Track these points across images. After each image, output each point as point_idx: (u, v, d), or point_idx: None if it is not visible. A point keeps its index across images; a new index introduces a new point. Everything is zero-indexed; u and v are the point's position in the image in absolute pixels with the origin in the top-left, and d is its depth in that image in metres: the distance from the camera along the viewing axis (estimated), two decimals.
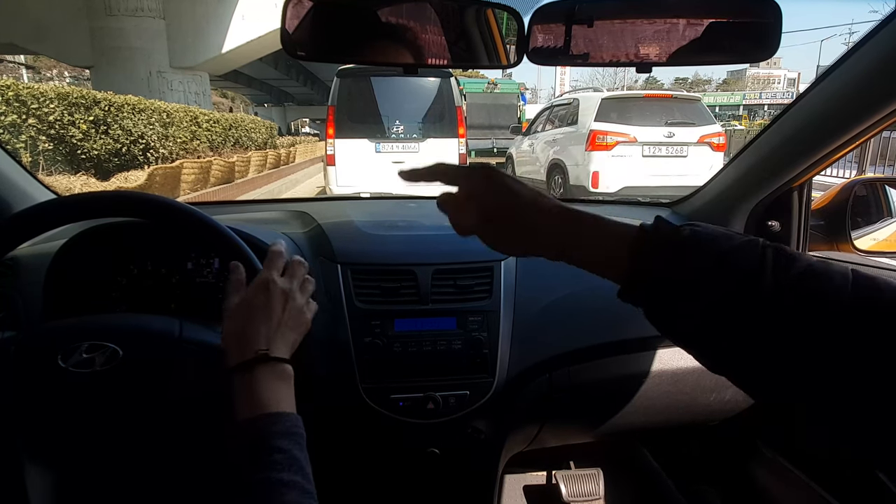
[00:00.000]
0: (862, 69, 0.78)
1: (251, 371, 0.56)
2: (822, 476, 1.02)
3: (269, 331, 0.59)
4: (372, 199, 2.51)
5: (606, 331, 1.01)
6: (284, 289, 0.63)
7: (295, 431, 0.54)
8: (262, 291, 0.62)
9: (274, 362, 0.57)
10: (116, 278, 0.89)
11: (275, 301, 0.62)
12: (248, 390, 0.55)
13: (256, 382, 0.56)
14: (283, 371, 0.58)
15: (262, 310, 0.61)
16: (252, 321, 0.60)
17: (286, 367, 0.59)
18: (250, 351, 0.57)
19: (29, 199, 1.02)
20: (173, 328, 0.66)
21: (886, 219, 1.32)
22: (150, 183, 6.14)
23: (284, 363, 0.59)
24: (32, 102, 5.33)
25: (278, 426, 0.53)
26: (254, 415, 0.54)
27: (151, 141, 6.98)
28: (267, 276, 0.64)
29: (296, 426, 0.54)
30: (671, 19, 0.73)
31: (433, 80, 5.62)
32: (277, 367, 0.58)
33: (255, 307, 0.61)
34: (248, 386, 0.56)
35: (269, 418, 0.53)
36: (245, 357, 0.57)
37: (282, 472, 0.49)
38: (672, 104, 6.19)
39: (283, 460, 0.50)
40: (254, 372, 0.56)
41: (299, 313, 0.64)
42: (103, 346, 0.62)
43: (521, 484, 1.46)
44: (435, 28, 0.74)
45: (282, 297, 0.62)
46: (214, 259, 0.92)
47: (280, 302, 0.62)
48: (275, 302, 0.61)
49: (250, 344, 0.58)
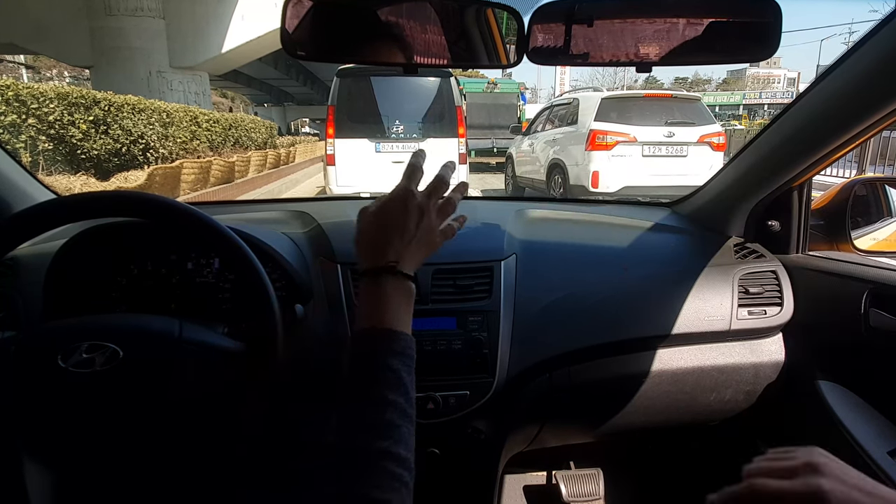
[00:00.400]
0: (862, 69, 0.78)
1: (378, 280, 0.57)
2: None
3: (401, 244, 0.59)
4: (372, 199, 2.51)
5: (606, 331, 1.01)
6: (421, 204, 0.62)
7: (408, 353, 0.54)
8: (400, 202, 0.61)
9: (401, 277, 0.57)
10: (116, 278, 0.88)
11: (410, 215, 0.60)
12: (373, 300, 0.56)
13: (382, 294, 0.56)
14: (409, 289, 0.58)
15: (397, 221, 0.60)
16: (385, 230, 0.60)
17: (411, 284, 0.59)
18: (381, 259, 0.58)
19: (29, 199, 1.02)
20: (173, 328, 0.66)
21: (886, 219, 1.32)
22: (150, 183, 6.14)
23: (410, 280, 0.58)
24: (32, 102, 5.33)
25: (394, 345, 0.54)
26: (373, 327, 0.54)
27: (151, 141, 6.98)
28: (406, 186, 0.62)
29: (409, 348, 0.55)
30: (671, 19, 0.73)
31: (433, 80, 5.62)
32: (403, 284, 0.58)
33: (391, 217, 0.60)
34: (374, 295, 0.56)
35: (386, 335, 0.54)
36: (376, 264, 0.58)
37: (387, 391, 0.50)
38: (672, 104, 6.19)
39: (392, 379, 0.51)
40: (380, 282, 0.57)
41: (430, 232, 0.62)
42: (103, 346, 0.62)
43: (521, 484, 1.46)
44: (435, 28, 0.74)
45: (416, 212, 0.61)
46: (214, 259, 0.92)
47: (415, 217, 0.61)
48: (409, 216, 0.60)
49: (381, 253, 0.58)
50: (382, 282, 0.57)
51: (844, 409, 0.95)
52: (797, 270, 1.08)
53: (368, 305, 0.56)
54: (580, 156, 6.03)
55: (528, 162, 7.67)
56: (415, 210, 0.61)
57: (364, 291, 0.57)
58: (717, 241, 1.15)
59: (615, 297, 1.03)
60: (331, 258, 0.97)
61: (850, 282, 0.96)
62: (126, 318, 0.71)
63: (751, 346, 1.09)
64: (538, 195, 7.22)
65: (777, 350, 1.09)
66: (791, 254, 1.12)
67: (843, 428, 0.93)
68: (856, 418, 0.94)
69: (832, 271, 1.02)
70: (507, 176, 8.73)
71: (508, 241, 1.04)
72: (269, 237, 0.92)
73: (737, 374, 1.08)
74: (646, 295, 1.05)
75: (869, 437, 0.91)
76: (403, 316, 0.57)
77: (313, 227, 1.07)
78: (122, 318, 0.72)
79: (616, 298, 1.03)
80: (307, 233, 1.06)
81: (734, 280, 1.06)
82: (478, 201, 1.93)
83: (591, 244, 1.15)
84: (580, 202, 1.85)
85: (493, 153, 11.96)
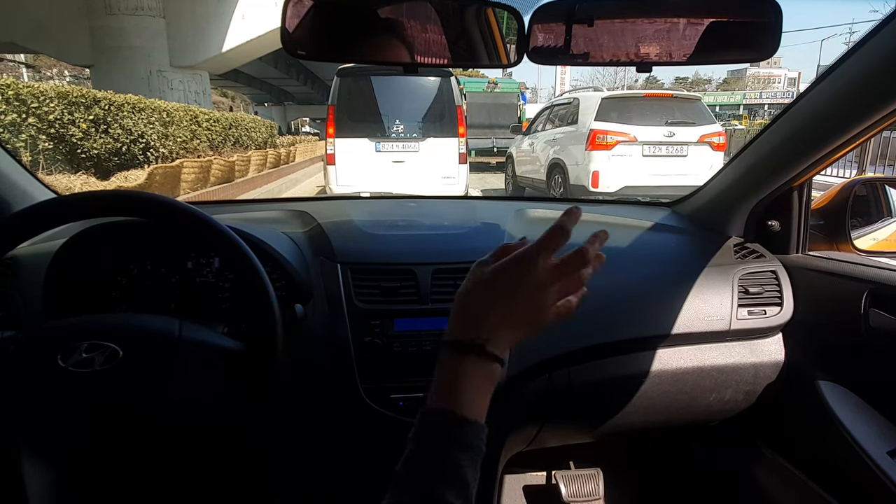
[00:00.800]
0: (862, 69, 0.78)
1: (461, 357, 0.51)
2: (821, 476, 1.02)
3: (501, 319, 0.52)
4: (372, 199, 2.51)
5: (606, 331, 1.01)
6: (545, 279, 0.52)
7: (476, 445, 0.49)
8: (522, 270, 0.52)
9: (487, 359, 0.51)
10: (116, 278, 0.88)
11: (525, 288, 0.52)
12: (450, 377, 0.51)
13: (461, 373, 0.50)
14: (492, 372, 0.51)
15: (509, 292, 0.52)
16: (492, 302, 0.52)
17: (496, 367, 0.52)
18: (472, 333, 0.51)
19: (29, 199, 1.02)
20: (173, 328, 0.66)
21: (886, 219, 1.32)
22: (150, 182, 6.13)
23: (496, 362, 0.51)
24: (32, 101, 5.32)
25: (465, 437, 0.49)
26: (444, 411, 0.49)
27: (151, 140, 6.98)
28: (535, 252, 0.53)
29: (479, 439, 0.50)
30: (671, 19, 0.73)
31: (433, 80, 5.61)
32: (488, 366, 0.51)
33: (504, 285, 0.52)
34: (452, 373, 0.51)
35: (458, 424, 0.49)
36: (462, 336, 0.51)
37: (447, 492, 0.45)
38: (672, 104, 6.18)
39: (456, 478, 0.46)
40: (463, 359, 0.51)
41: (541, 311, 0.53)
42: (103, 345, 0.62)
43: (521, 484, 1.46)
44: (435, 27, 0.74)
45: (539, 287, 0.52)
46: (214, 259, 0.92)
47: (531, 291, 0.52)
48: (525, 289, 0.52)
49: (474, 326, 0.52)
50: (465, 359, 0.50)
51: (844, 409, 0.95)
52: (797, 270, 1.08)
53: (443, 384, 0.51)
54: (580, 155, 6.02)
55: (529, 162, 7.67)
56: (533, 283, 0.52)
57: (442, 365, 0.51)
58: (717, 241, 1.15)
59: (615, 297, 1.03)
60: (331, 258, 0.97)
61: (850, 282, 0.96)
62: (126, 317, 0.71)
63: (751, 347, 1.09)
64: (538, 195, 7.22)
65: (777, 350, 1.09)
66: (791, 254, 1.12)
67: (842, 428, 0.93)
68: (856, 418, 0.94)
69: (832, 271, 1.02)
70: (508, 176, 8.73)
71: (508, 241, 1.04)
72: (269, 237, 0.92)
73: (737, 375, 1.08)
74: (646, 295, 1.05)
75: (869, 437, 0.91)
76: (481, 401, 0.51)
77: (313, 227, 1.07)
78: (122, 317, 0.72)
79: (616, 298, 1.03)
80: (307, 232, 1.06)
81: (734, 280, 1.06)
82: (478, 201, 1.93)
83: None
84: (580, 202, 1.85)
85: (494, 153, 11.95)
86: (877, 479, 0.87)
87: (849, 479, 0.95)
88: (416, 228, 1.19)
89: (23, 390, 0.62)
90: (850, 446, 0.91)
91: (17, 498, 0.65)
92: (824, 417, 0.97)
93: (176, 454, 0.76)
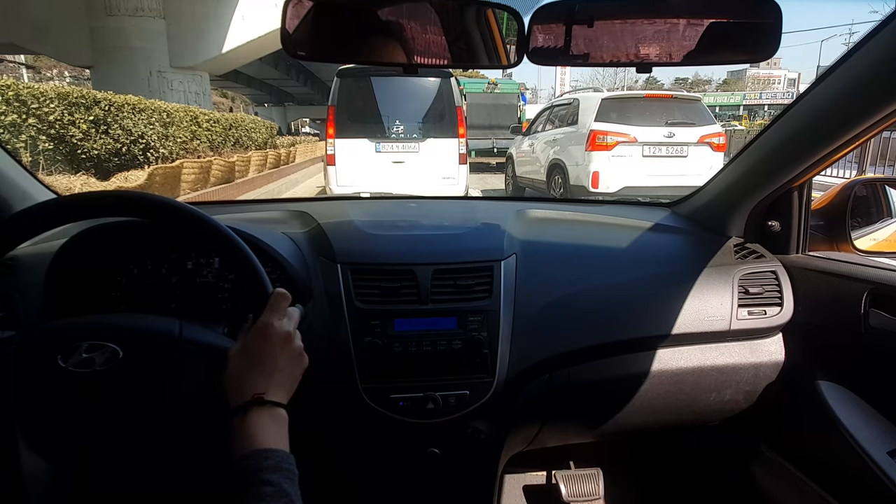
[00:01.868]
0: (862, 69, 0.78)
1: (246, 413, 0.59)
2: (822, 476, 1.02)
3: (266, 376, 0.62)
4: (372, 199, 2.51)
5: (606, 331, 1.01)
6: (284, 333, 0.65)
7: (286, 467, 0.55)
8: (261, 338, 0.64)
9: (269, 406, 0.60)
10: (116, 278, 0.88)
11: (273, 346, 0.63)
12: (242, 431, 0.58)
13: (250, 424, 0.58)
14: (277, 414, 0.60)
15: (259, 356, 0.63)
16: (250, 367, 0.62)
17: (280, 410, 0.61)
18: (246, 395, 0.60)
19: (29, 199, 1.02)
20: (173, 328, 0.66)
21: (886, 219, 1.32)
22: (150, 183, 6.13)
23: (279, 406, 0.61)
24: (32, 102, 5.32)
25: (269, 461, 0.55)
26: (245, 452, 0.56)
27: (151, 141, 6.97)
28: (266, 321, 0.65)
29: (287, 462, 0.56)
30: (671, 19, 0.73)
31: (433, 80, 5.61)
32: (272, 411, 0.60)
33: (253, 352, 0.63)
34: (242, 427, 0.58)
35: (259, 454, 0.55)
36: (241, 400, 0.60)
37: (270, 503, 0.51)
38: (672, 104, 6.18)
39: (272, 493, 0.52)
40: (248, 414, 0.58)
41: (299, 356, 0.66)
42: (103, 345, 0.62)
43: (521, 484, 1.45)
44: (435, 28, 0.74)
45: (281, 342, 0.64)
46: (214, 259, 0.92)
47: (278, 347, 0.64)
48: (273, 347, 0.63)
49: (246, 389, 0.60)
50: (250, 413, 0.58)
51: (844, 409, 0.95)
52: (797, 271, 1.08)
53: (239, 437, 0.57)
54: (580, 156, 6.02)
55: (529, 162, 7.67)
56: (278, 340, 0.64)
57: (235, 428, 0.58)
58: (717, 241, 1.15)
59: (615, 298, 1.03)
60: (331, 258, 0.97)
61: (850, 282, 0.96)
62: (126, 318, 0.71)
63: (751, 347, 1.09)
64: (538, 195, 7.22)
65: (777, 350, 1.09)
66: (791, 254, 1.12)
67: (842, 428, 0.93)
68: (856, 418, 0.94)
69: (832, 271, 1.02)
70: (508, 176, 8.73)
71: (508, 241, 1.04)
72: (270, 237, 0.92)
73: (737, 375, 1.08)
74: (646, 295, 1.05)
75: (869, 437, 0.91)
76: (276, 437, 0.58)
77: (313, 227, 1.07)
78: (122, 318, 0.72)
79: (616, 299, 1.03)
80: (307, 233, 1.06)
81: (734, 280, 1.06)
82: (478, 201, 1.93)
83: (592, 244, 1.15)
84: (580, 202, 1.85)
85: (494, 153, 11.95)
86: (877, 479, 0.87)
87: (849, 479, 0.95)
88: (416, 229, 1.19)
89: (23, 390, 0.62)
90: (850, 446, 0.91)
91: (16, 498, 0.65)
92: (824, 417, 0.97)
93: (176, 454, 0.76)
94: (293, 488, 0.54)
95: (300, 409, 0.62)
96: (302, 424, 0.62)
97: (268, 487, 0.52)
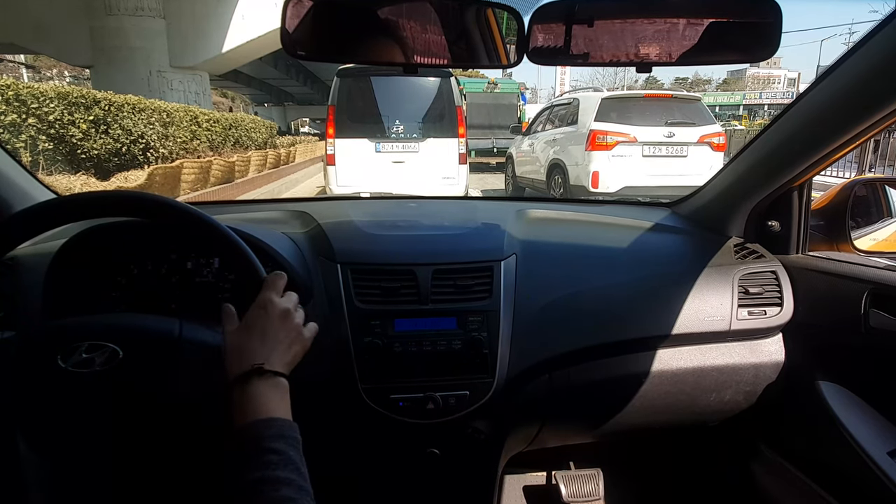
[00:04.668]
0: (862, 69, 0.78)
1: (247, 383, 0.59)
2: (822, 476, 1.02)
3: (266, 346, 0.63)
4: (372, 199, 2.51)
5: (606, 331, 1.01)
6: (283, 308, 0.67)
7: (290, 434, 0.56)
8: (261, 310, 0.66)
9: (269, 375, 0.60)
10: (116, 278, 0.88)
11: (272, 319, 0.65)
12: (243, 400, 0.58)
13: (252, 393, 0.58)
14: (278, 383, 0.61)
15: (259, 327, 0.64)
16: (250, 338, 0.63)
17: (281, 379, 0.61)
18: (247, 364, 0.60)
19: (29, 199, 1.02)
20: (173, 328, 0.66)
21: (886, 219, 1.32)
22: (150, 182, 6.13)
23: (279, 376, 0.61)
24: (32, 102, 5.31)
25: (273, 430, 0.55)
26: (247, 421, 0.56)
27: (151, 140, 6.97)
28: (266, 296, 0.67)
29: (291, 429, 0.56)
30: (671, 19, 0.73)
31: (433, 80, 5.61)
32: (272, 380, 0.60)
33: (252, 325, 0.65)
34: (244, 396, 0.58)
35: (262, 423, 0.56)
36: (242, 370, 0.60)
37: (276, 470, 0.51)
38: (672, 104, 6.18)
39: (277, 460, 0.52)
40: (249, 383, 0.59)
41: (298, 333, 0.67)
42: (103, 346, 0.62)
43: (521, 484, 1.46)
44: (435, 28, 0.74)
45: (280, 316, 0.66)
46: (214, 259, 0.92)
47: (278, 320, 0.65)
48: (272, 320, 0.65)
49: (247, 358, 0.61)
50: (251, 383, 0.59)
51: (844, 409, 0.95)
52: (797, 271, 1.08)
53: (241, 406, 0.58)
54: (580, 156, 6.02)
55: (529, 162, 7.67)
56: (277, 314, 0.66)
57: (235, 396, 0.59)
58: (717, 241, 1.15)
59: (615, 298, 1.03)
60: (331, 258, 0.97)
61: (850, 282, 0.96)
62: (126, 318, 0.71)
63: (751, 347, 1.09)
64: (538, 195, 7.22)
65: (777, 350, 1.09)
66: (791, 254, 1.12)
67: (843, 428, 0.93)
68: (856, 419, 0.94)
69: (832, 272, 1.02)
70: (507, 176, 8.73)
71: (508, 241, 1.04)
72: (270, 237, 0.92)
73: (737, 375, 1.08)
74: (646, 295, 1.05)
75: (869, 437, 0.91)
76: (279, 406, 0.59)
77: (313, 227, 1.07)
78: (122, 318, 0.72)
79: (616, 299, 1.03)
80: (307, 233, 1.06)
81: (734, 280, 1.06)
82: (478, 201, 1.93)
83: (592, 244, 1.15)
84: (580, 202, 1.85)
85: (494, 153, 11.96)
86: (877, 479, 0.87)
87: (849, 479, 0.95)
88: (416, 229, 1.19)
89: (23, 391, 0.62)
90: (850, 446, 0.91)
91: (16, 498, 0.65)
92: (824, 418, 0.97)
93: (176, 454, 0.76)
94: (298, 455, 0.54)
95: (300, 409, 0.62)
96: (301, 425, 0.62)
97: (273, 455, 0.52)
